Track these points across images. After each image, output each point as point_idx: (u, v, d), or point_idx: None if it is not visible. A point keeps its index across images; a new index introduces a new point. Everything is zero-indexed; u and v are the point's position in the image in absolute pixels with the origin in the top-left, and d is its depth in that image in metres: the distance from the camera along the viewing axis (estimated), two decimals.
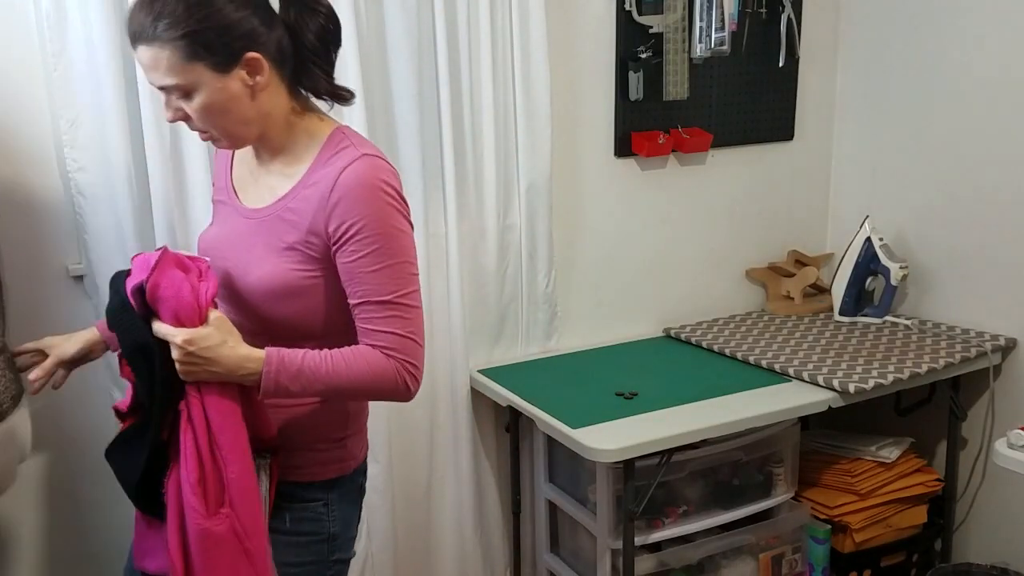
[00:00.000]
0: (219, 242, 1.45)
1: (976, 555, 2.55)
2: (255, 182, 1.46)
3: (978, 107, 2.46)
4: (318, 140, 1.41)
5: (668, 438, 1.99)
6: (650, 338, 2.67)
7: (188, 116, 1.34)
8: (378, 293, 1.35)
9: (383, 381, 1.35)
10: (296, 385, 1.32)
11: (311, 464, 1.45)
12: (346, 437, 1.49)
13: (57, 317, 1.99)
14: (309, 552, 1.46)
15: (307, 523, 1.45)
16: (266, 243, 1.39)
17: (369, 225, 1.33)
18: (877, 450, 2.50)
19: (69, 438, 2.06)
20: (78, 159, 1.93)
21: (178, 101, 1.33)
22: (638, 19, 2.45)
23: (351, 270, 1.35)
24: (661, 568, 2.24)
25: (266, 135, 1.41)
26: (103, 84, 1.90)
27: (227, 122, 1.35)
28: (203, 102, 1.32)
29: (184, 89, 1.31)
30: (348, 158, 1.35)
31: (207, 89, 1.31)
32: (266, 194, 1.43)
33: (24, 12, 1.88)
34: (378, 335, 1.35)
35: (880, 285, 2.66)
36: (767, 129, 2.76)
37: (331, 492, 1.47)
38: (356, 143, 1.39)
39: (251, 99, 1.35)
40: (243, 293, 1.40)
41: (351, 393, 1.40)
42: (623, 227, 2.61)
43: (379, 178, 1.35)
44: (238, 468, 1.32)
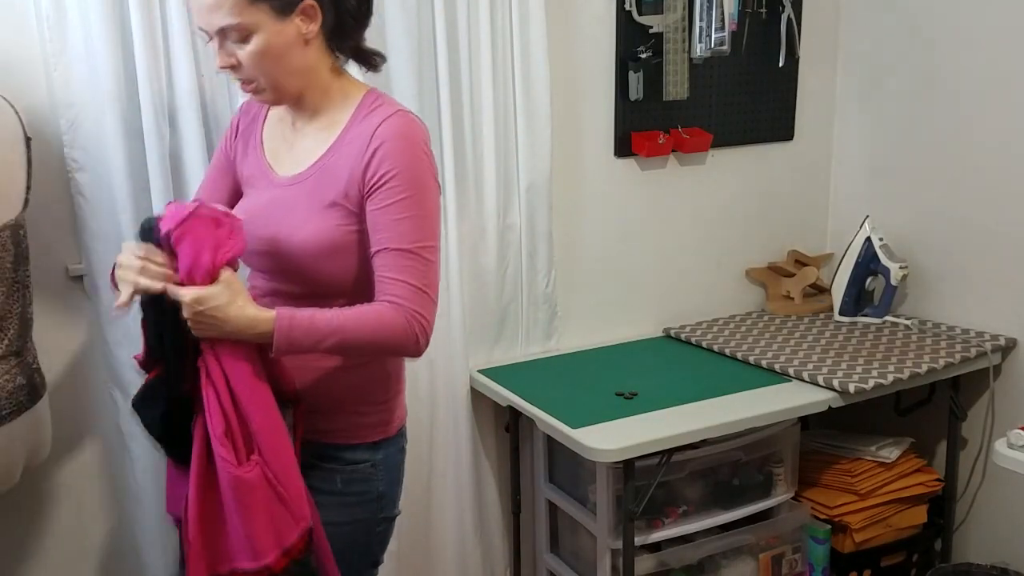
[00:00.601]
0: (255, 215, 1.47)
1: (976, 555, 2.55)
2: (290, 149, 1.50)
3: (978, 107, 2.46)
4: (353, 100, 1.46)
5: (668, 438, 1.99)
6: (650, 338, 2.66)
7: (238, 64, 1.38)
8: (399, 242, 1.38)
9: (393, 334, 1.37)
10: (308, 340, 1.34)
11: (358, 427, 1.51)
12: (389, 399, 1.54)
13: (57, 318, 1.99)
14: (360, 511, 1.52)
15: (356, 484, 1.51)
16: (307, 205, 1.43)
17: (401, 175, 1.38)
18: (877, 450, 2.50)
19: (70, 437, 2.06)
20: (78, 159, 1.93)
21: (232, 46, 1.37)
22: (638, 19, 2.45)
23: (377, 218, 1.39)
24: (661, 568, 2.24)
25: (306, 92, 1.45)
26: (103, 84, 1.89)
27: (278, 70, 1.39)
28: (259, 46, 1.36)
29: (243, 31, 1.35)
30: (385, 113, 1.42)
31: (265, 32, 1.35)
32: (303, 158, 1.47)
33: (24, 12, 1.88)
34: (393, 284, 1.38)
35: (880, 285, 2.66)
36: (767, 129, 2.76)
37: (377, 453, 1.52)
38: (389, 102, 1.46)
39: (302, 48, 1.40)
40: (290, 256, 1.43)
41: (363, 346, 1.41)
42: (623, 227, 2.61)
43: (415, 133, 1.41)
44: (261, 418, 1.35)
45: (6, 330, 1.66)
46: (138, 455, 2.04)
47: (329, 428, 1.50)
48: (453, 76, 2.21)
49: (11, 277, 1.67)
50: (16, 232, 1.69)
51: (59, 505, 2.10)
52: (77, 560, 2.13)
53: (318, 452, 1.49)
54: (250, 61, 1.37)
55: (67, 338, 2.03)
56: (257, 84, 1.41)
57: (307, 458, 1.45)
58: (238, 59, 1.38)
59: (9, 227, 1.66)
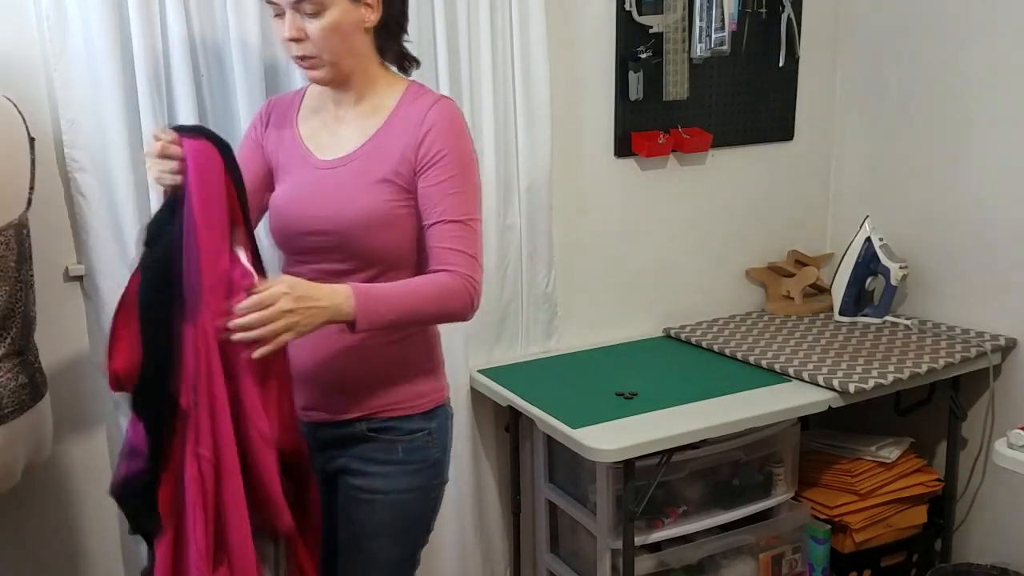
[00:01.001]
0: (299, 196, 1.57)
1: (976, 555, 2.55)
2: (332, 135, 1.60)
3: (978, 107, 2.46)
4: (398, 88, 1.59)
5: (668, 438, 1.99)
6: (650, 338, 2.66)
7: (305, 37, 1.48)
8: (452, 214, 1.50)
9: (452, 299, 1.49)
10: (383, 307, 1.44)
11: (412, 398, 1.61)
12: (434, 368, 1.66)
13: (56, 318, 1.99)
14: (419, 478, 1.62)
15: (415, 452, 1.61)
16: (355, 183, 1.53)
17: (452, 154, 1.51)
18: (877, 450, 2.50)
19: (70, 437, 2.05)
20: (78, 159, 1.93)
21: (303, 20, 1.47)
22: (638, 19, 2.45)
23: (431, 193, 1.51)
24: (661, 568, 2.24)
25: (353, 76, 1.56)
26: (103, 84, 1.89)
27: (341, 48, 1.51)
28: (330, 22, 1.47)
29: (318, 5, 1.46)
30: (432, 99, 1.56)
31: (337, 10, 1.47)
32: (346, 142, 1.57)
33: (24, 12, 1.88)
34: (447, 253, 1.50)
35: (880, 285, 2.66)
36: (767, 129, 2.76)
37: (432, 422, 1.63)
38: (431, 91, 1.61)
39: (361, 34, 1.53)
40: (340, 232, 1.52)
41: (429, 311, 1.51)
42: (623, 227, 2.61)
43: (460, 117, 1.57)
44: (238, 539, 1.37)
45: (9, 329, 1.67)
46: None
47: (387, 403, 1.60)
48: (453, 76, 2.21)
49: (14, 276, 1.68)
50: (20, 231, 1.70)
51: (59, 505, 2.09)
52: (77, 560, 2.13)
53: (376, 426, 1.60)
54: (318, 35, 1.48)
55: (67, 338, 2.02)
56: (318, 59, 1.50)
57: (366, 432, 1.59)
58: (306, 32, 1.48)
59: (13, 226, 1.67)
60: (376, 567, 1.63)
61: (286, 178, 1.62)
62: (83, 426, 2.08)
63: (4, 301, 1.65)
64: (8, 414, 1.65)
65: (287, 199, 1.59)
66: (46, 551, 2.10)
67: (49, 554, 2.10)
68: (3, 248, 1.64)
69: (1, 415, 1.63)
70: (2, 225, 1.64)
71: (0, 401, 1.63)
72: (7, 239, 1.65)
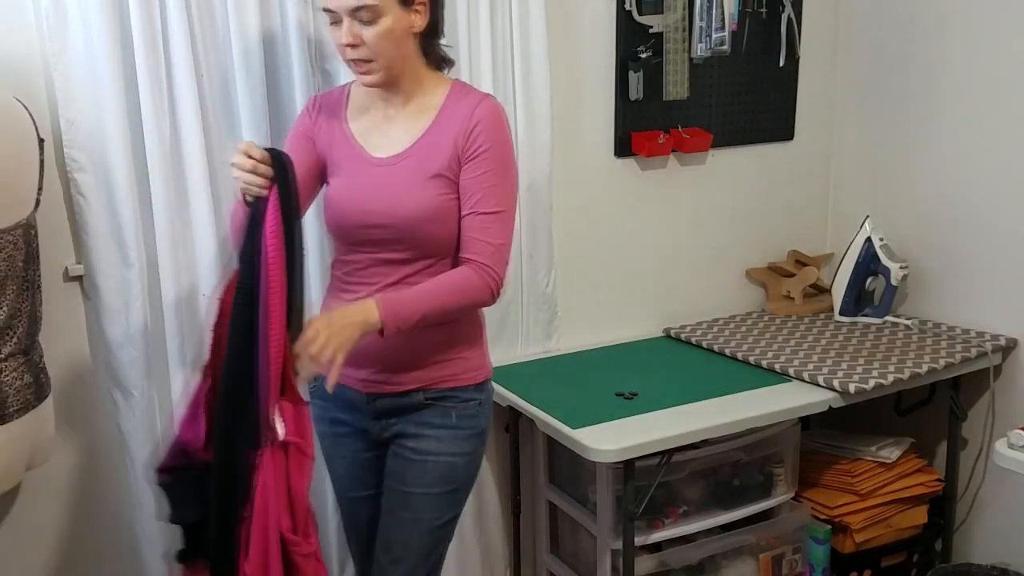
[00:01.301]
0: (357, 191, 1.68)
1: (976, 555, 2.55)
2: (383, 135, 1.69)
3: (978, 106, 2.46)
4: (444, 87, 1.69)
5: (668, 438, 1.99)
6: (650, 338, 2.66)
7: (361, 43, 1.57)
8: (485, 206, 1.63)
9: (472, 290, 1.62)
10: (407, 310, 1.57)
11: (464, 371, 1.74)
12: (481, 344, 1.79)
13: (56, 318, 1.99)
14: (468, 444, 1.75)
15: (467, 419, 1.74)
16: (411, 179, 1.64)
17: (495, 148, 1.63)
18: (877, 450, 2.50)
19: (70, 437, 2.05)
20: (78, 159, 1.93)
21: (359, 27, 1.57)
22: (638, 19, 2.45)
23: (471, 184, 1.63)
24: (661, 568, 2.24)
25: (403, 78, 1.65)
26: (103, 84, 1.89)
27: (394, 53, 1.60)
28: (385, 28, 1.57)
29: (374, 13, 1.55)
30: (479, 96, 1.68)
31: (391, 17, 1.57)
32: (398, 141, 1.67)
33: (24, 12, 1.88)
34: (473, 242, 1.63)
35: (880, 285, 2.65)
36: (767, 129, 2.76)
37: (481, 393, 1.77)
38: (475, 88, 1.73)
39: (411, 38, 1.63)
40: (398, 225, 1.63)
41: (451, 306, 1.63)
42: (623, 227, 2.61)
43: (503, 116, 1.68)
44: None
45: (15, 328, 1.68)
46: (138, 455, 2.04)
47: (442, 376, 1.72)
48: (453, 76, 2.20)
49: (22, 276, 1.69)
50: (28, 232, 1.72)
51: (59, 505, 2.09)
52: (77, 560, 2.13)
53: (433, 395, 1.72)
54: (374, 40, 1.57)
55: (67, 338, 2.02)
56: (373, 64, 1.60)
57: (423, 399, 1.72)
58: (362, 38, 1.57)
59: (21, 226, 1.68)
60: (421, 526, 1.74)
61: (340, 173, 1.71)
62: (83, 426, 2.08)
63: (11, 300, 1.66)
64: (13, 412, 1.66)
65: (344, 194, 1.69)
66: (47, 551, 2.10)
67: (50, 554, 2.10)
68: (11, 248, 1.65)
69: (6, 414, 1.64)
70: (11, 225, 1.65)
71: (5, 400, 1.64)
72: (15, 239, 1.66)
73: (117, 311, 1.99)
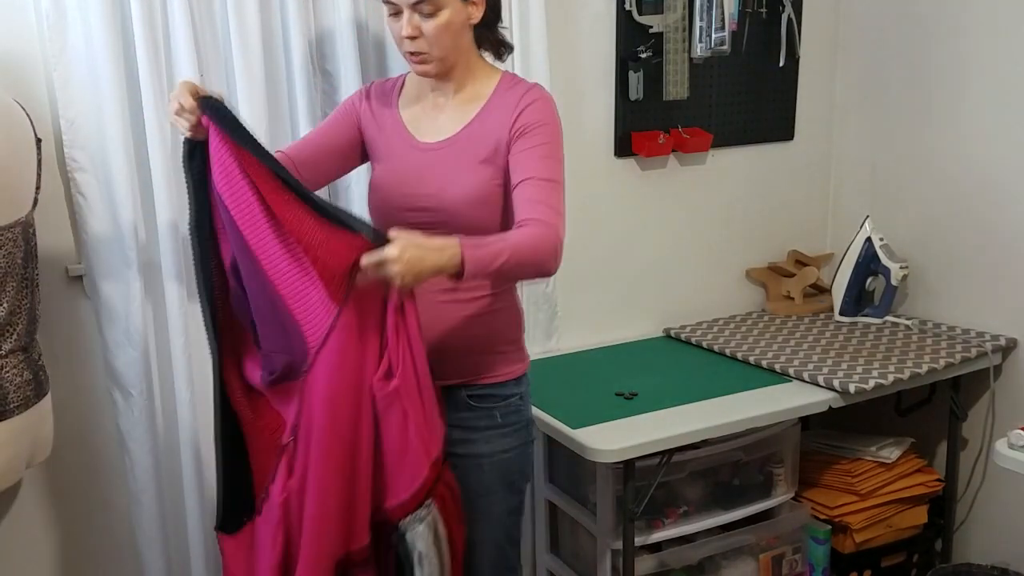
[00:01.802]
0: (402, 177, 1.71)
1: (976, 555, 2.55)
2: (432, 121, 1.72)
3: (978, 107, 2.46)
4: (494, 78, 1.72)
5: (668, 438, 1.99)
6: (650, 338, 2.66)
7: (420, 35, 1.59)
8: (542, 173, 1.62)
9: (542, 244, 1.56)
10: (487, 256, 1.49)
11: (504, 365, 1.76)
12: (520, 338, 1.81)
13: (56, 317, 1.99)
14: (516, 438, 1.78)
15: (511, 415, 1.77)
16: (458, 163, 1.67)
17: (545, 126, 1.66)
18: (877, 450, 2.50)
19: (70, 437, 2.05)
20: (78, 159, 1.93)
21: (419, 19, 1.59)
22: (638, 19, 2.45)
23: (522, 157, 1.63)
24: (661, 568, 2.24)
25: (456, 68, 1.68)
26: (103, 84, 1.89)
27: (451, 44, 1.63)
28: (444, 20, 1.59)
29: (435, 6, 1.58)
30: (528, 84, 1.72)
31: (451, 10, 1.60)
32: (446, 127, 1.70)
33: (24, 12, 1.88)
34: (534, 205, 1.59)
35: (880, 285, 2.65)
36: (767, 129, 2.76)
37: (521, 386, 1.79)
38: (525, 79, 1.76)
39: (468, 30, 1.66)
40: (445, 209, 1.65)
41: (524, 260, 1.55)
42: (623, 227, 2.61)
43: (552, 100, 1.72)
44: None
45: (15, 325, 1.70)
46: (137, 455, 2.04)
47: (484, 371, 1.74)
48: None
49: (21, 273, 1.71)
50: (26, 229, 1.73)
51: (59, 505, 2.09)
52: (77, 560, 2.13)
53: (476, 393, 1.74)
54: (433, 33, 1.59)
55: (67, 338, 2.02)
56: (429, 55, 1.62)
57: (467, 400, 1.74)
58: (421, 30, 1.59)
59: (21, 224, 1.70)
60: (494, 519, 1.78)
61: (388, 159, 1.74)
62: (83, 426, 2.08)
63: (11, 297, 1.68)
64: (14, 408, 1.68)
65: (390, 178, 1.72)
66: (47, 550, 2.10)
67: (50, 553, 2.10)
68: (11, 245, 1.67)
69: (7, 409, 1.66)
70: (10, 222, 1.67)
71: (6, 396, 1.66)
72: (15, 236, 1.68)
73: (117, 311, 1.99)
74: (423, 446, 1.52)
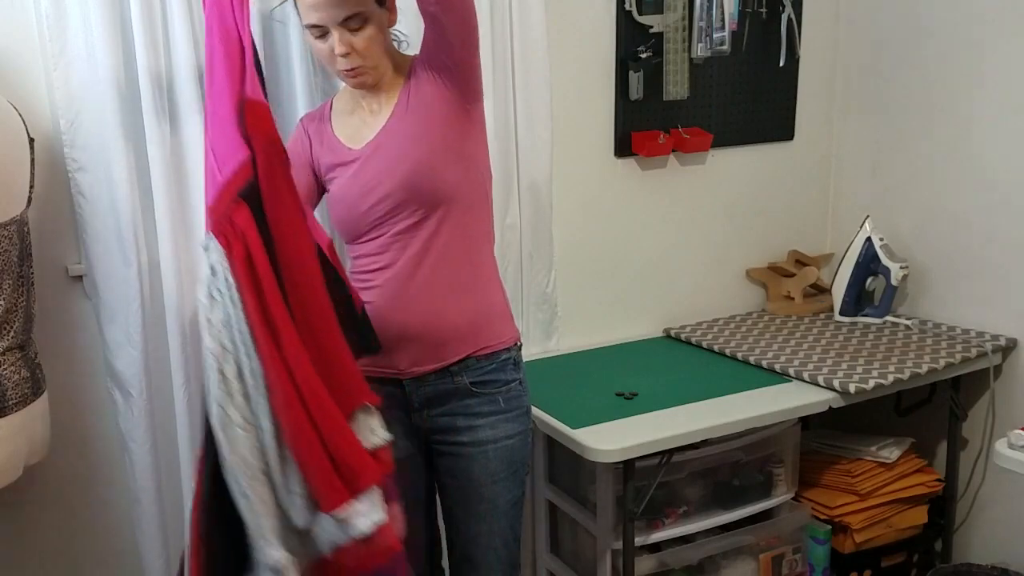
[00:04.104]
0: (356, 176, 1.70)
1: (976, 555, 2.55)
2: (371, 129, 1.71)
3: (978, 107, 2.46)
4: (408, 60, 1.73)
5: (668, 438, 1.99)
6: (650, 338, 2.66)
7: (352, 50, 1.61)
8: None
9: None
10: None
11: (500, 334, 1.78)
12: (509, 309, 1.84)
13: (56, 317, 1.99)
14: (518, 424, 1.80)
15: (513, 400, 1.79)
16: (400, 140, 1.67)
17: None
18: (877, 450, 2.50)
19: (70, 437, 2.06)
20: (78, 159, 1.93)
21: (349, 35, 1.60)
22: (638, 19, 2.45)
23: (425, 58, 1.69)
24: (661, 568, 2.24)
25: (385, 74, 1.70)
26: (103, 84, 1.90)
27: (380, 52, 1.65)
28: (372, 31, 1.61)
29: (362, 19, 1.59)
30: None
31: (374, 19, 1.61)
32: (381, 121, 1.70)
33: (24, 12, 1.88)
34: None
35: (880, 285, 2.65)
36: (767, 129, 2.76)
37: (520, 373, 1.81)
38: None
39: (388, 34, 1.69)
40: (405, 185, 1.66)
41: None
42: (623, 227, 2.61)
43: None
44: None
45: (12, 323, 1.71)
46: (138, 455, 2.04)
47: (482, 342, 1.75)
48: None
49: (17, 271, 1.72)
50: (21, 228, 1.74)
51: (58, 505, 2.10)
52: (77, 560, 2.13)
53: (477, 380, 1.75)
54: (364, 45, 1.61)
55: (67, 338, 2.03)
56: (363, 67, 1.64)
57: (470, 387, 1.74)
58: (353, 46, 1.61)
59: (15, 222, 1.72)
60: (499, 510, 1.79)
61: (339, 175, 1.74)
62: (83, 426, 2.08)
63: (7, 295, 1.69)
64: (11, 406, 1.69)
65: (345, 186, 1.72)
66: (47, 550, 2.10)
67: (50, 554, 2.10)
68: (7, 243, 1.68)
69: (5, 406, 1.68)
70: (6, 220, 1.68)
71: (4, 393, 1.67)
72: (10, 234, 1.69)
73: (117, 311, 1.99)
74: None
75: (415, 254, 1.69)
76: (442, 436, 1.79)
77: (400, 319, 1.70)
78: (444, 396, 1.76)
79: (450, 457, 1.79)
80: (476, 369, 1.75)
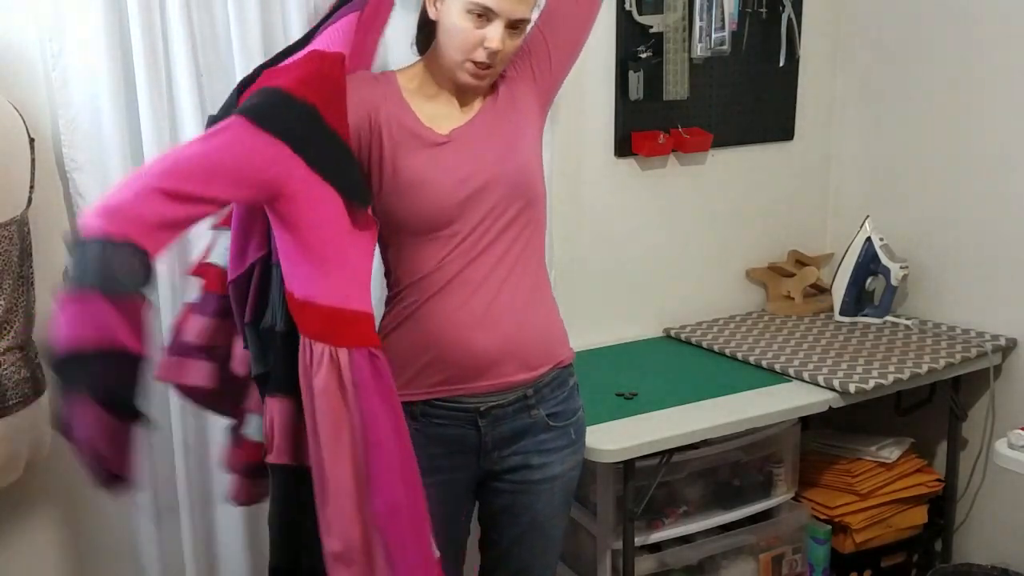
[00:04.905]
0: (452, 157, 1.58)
1: (976, 555, 2.55)
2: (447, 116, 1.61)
3: (978, 107, 2.46)
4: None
5: (668, 438, 1.99)
6: (650, 338, 2.66)
7: (501, 50, 1.53)
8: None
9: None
10: None
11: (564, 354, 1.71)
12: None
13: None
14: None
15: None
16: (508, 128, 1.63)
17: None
18: (877, 450, 2.50)
19: None
20: (78, 159, 1.93)
21: (507, 35, 1.53)
22: (638, 19, 2.45)
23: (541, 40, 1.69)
24: (661, 568, 2.24)
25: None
26: (102, 84, 1.89)
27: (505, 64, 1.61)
28: (519, 42, 1.58)
29: (524, 28, 1.56)
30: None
31: (527, 27, 1.58)
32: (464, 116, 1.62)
33: (24, 12, 1.88)
34: None
35: (880, 285, 2.65)
36: (767, 129, 2.76)
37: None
38: None
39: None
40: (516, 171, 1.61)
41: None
42: (623, 227, 2.61)
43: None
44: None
45: (12, 323, 1.71)
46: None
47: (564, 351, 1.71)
48: None
49: (17, 271, 1.73)
50: (22, 228, 1.75)
51: (57, 505, 2.09)
52: (76, 560, 2.13)
53: (552, 412, 1.67)
54: (510, 51, 1.56)
55: None
56: (494, 70, 1.58)
57: (547, 422, 1.66)
58: (504, 46, 1.54)
59: (15, 222, 1.72)
60: (555, 544, 1.79)
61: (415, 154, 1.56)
62: None
63: (8, 295, 1.70)
64: (12, 406, 1.70)
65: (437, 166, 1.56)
66: (47, 551, 2.10)
67: (50, 554, 2.10)
68: (7, 243, 1.69)
69: (6, 406, 1.68)
70: (6, 220, 1.69)
71: (5, 393, 1.67)
72: (10, 234, 1.70)
73: None
74: None
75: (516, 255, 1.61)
76: (511, 475, 1.68)
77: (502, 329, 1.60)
78: (520, 433, 1.65)
79: (511, 495, 1.70)
80: (551, 400, 1.67)
